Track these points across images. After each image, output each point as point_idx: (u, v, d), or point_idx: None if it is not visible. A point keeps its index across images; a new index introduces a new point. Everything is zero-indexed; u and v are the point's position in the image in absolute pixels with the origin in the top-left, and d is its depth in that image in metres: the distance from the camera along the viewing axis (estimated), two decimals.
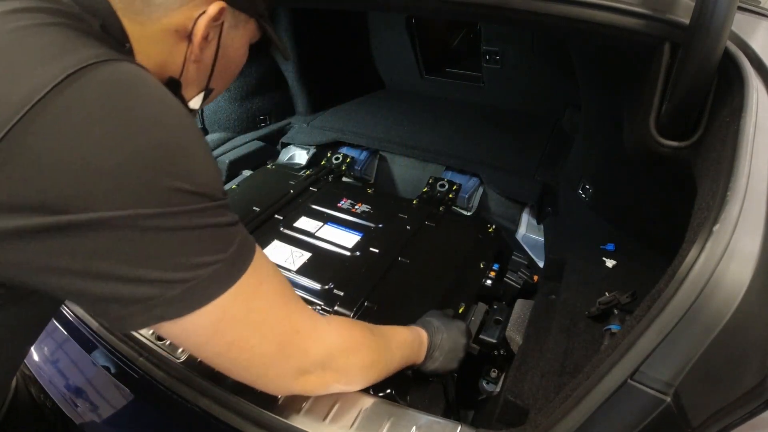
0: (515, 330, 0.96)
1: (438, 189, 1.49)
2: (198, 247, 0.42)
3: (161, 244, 0.40)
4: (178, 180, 0.40)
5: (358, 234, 1.20)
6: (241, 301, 0.46)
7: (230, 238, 0.45)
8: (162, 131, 0.40)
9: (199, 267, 0.41)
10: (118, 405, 0.74)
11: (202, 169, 0.42)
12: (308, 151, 1.75)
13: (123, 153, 0.37)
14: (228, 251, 0.44)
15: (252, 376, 0.52)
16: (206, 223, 0.42)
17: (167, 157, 0.40)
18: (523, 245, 1.35)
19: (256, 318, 0.48)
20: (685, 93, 0.70)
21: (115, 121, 0.38)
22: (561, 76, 1.63)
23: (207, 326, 0.45)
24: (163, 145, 0.40)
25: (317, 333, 0.54)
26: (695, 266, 0.48)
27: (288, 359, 0.51)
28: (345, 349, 0.58)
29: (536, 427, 0.55)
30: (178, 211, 0.40)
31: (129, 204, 0.37)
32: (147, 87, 0.42)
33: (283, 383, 0.54)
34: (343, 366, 0.58)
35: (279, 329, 0.50)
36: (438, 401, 0.84)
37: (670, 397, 0.47)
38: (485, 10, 0.82)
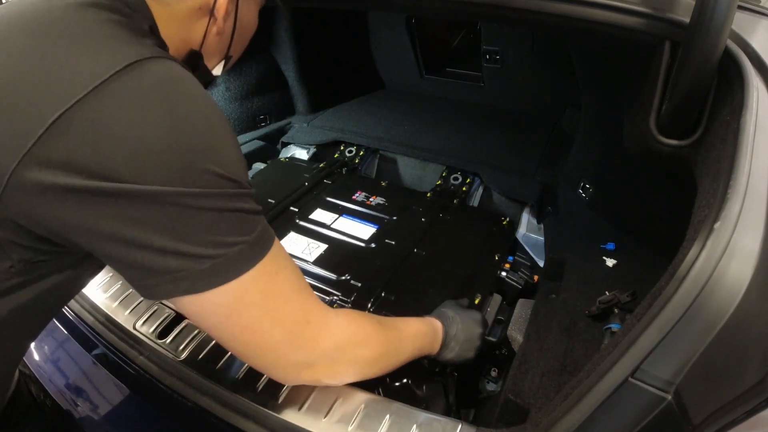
0: (516, 329, 0.96)
1: (452, 182, 1.50)
2: (227, 227, 0.46)
3: (197, 221, 0.44)
4: (216, 165, 0.44)
5: (373, 226, 1.21)
6: (260, 283, 0.49)
7: (254, 223, 0.49)
8: (204, 123, 0.45)
9: (226, 245, 0.45)
10: (118, 404, 0.74)
11: (234, 159, 0.47)
12: (308, 150, 1.75)
13: (171, 137, 0.42)
14: (251, 235, 0.48)
15: (263, 362, 0.55)
16: (236, 207, 0.46)
17: (208, 146, 0.44)
18: (524, 245, 1.35)
19: (271, 303, 0.51)
20: (686, 92, 0.70)
21: (166, 109, 0.43)
22: (561, 76, 1.63)
23: (226, 305, 0.48)
24: (204, 135, 0.45)
25: (327, 325, 0.56)
26: (696, 264, 0.49)
27: (298, 348, 0.54)
28: (354, 341, 0.60)
29: (537, 426, 0.55)
30: (214, 193, 0.44)
31: (174, 181, 0.42)
32: (191, 85, 0.47)
33: (292, 372, 0.56)
34: (352, 358, 0.60)
35: (291, 317, 0.53)
36: (438, 400, 0.84)
37: (671, 395, 0.47)
38: (485, 9, 0.82)
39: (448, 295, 0.99)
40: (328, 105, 1.95)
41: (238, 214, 0.47)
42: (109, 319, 0.81)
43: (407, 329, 0.72)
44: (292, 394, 0.67)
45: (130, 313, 0.82)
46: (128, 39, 0.46)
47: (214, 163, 0.44)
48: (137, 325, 0.79)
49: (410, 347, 0.71)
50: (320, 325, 0.55)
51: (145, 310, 0.83)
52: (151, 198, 0.42)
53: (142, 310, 0.83)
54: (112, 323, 0.80)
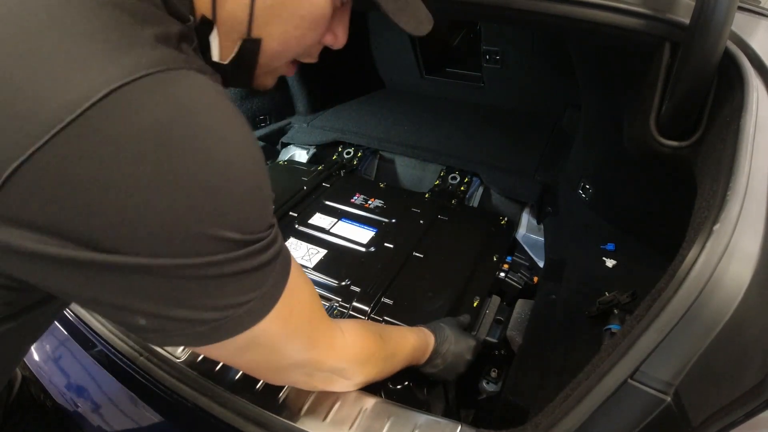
0: (516, 330, 0.97)
1: (450, 182, 1.50)
2: (235, 289, 0.39)
3: (199, 289, 0.37)
4: (228, 230, 0.36)
5: (372, 230, 1.21)
6: (270, 331, 0.45)
7: (269, 272, 0.42)
8: (218, 175, 0.35)
9: (233, 307, 0.40)
10: (118, 404, 0.74)
11: (255, 215, 0.39)
12: (308, 150, 1.75)
13: (173, 198, 0.33)
14: (264, 287, 0.41)
15: (266, 378, 0.57)
16: (248, 267, 0.39)
17: (220, 206, 0.35)
18: (523, 245, 1.35)
19: (282, 341, 0.49)
20: (686, 92, 0.70)
21: (168, 159, 0.32)
22: (561, 76, 1.63)
23: (231, 351, 0.46)
24: (217, 192, 0.35)
25: (334, 348, 0.56)
26: (695, 266, 0.48)
27: (302, 367, 0.54)
28: (356, 362, 0.60)
29: (536, 427, 0.55)
30: (223, 260, 0.37)
31: (170, 253, 0.34)
32: (207, 113, 0.35)
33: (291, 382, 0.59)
34: (351, 376, 0.61)
35: (300, 346, 0.51)
36: (438, 401, 0.84)
37: (671, 397, 0.47)
38: (486, 10, 0.82)
39: (447, 298, 0.99)
40: (328, 105, 1.95)
41: (250, 273, 0.39)
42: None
43: (404, 345, 0.72)
44: (292, 396, 0.67)
45: None
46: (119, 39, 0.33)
47: (227, 227, 0.36)
48: None
49: (402, 362, 0.72)
50: (327, 349, 0.55)
51: None
52: (140, 270, 0.34)
53: None
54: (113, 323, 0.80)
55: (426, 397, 0.82)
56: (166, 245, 0.34)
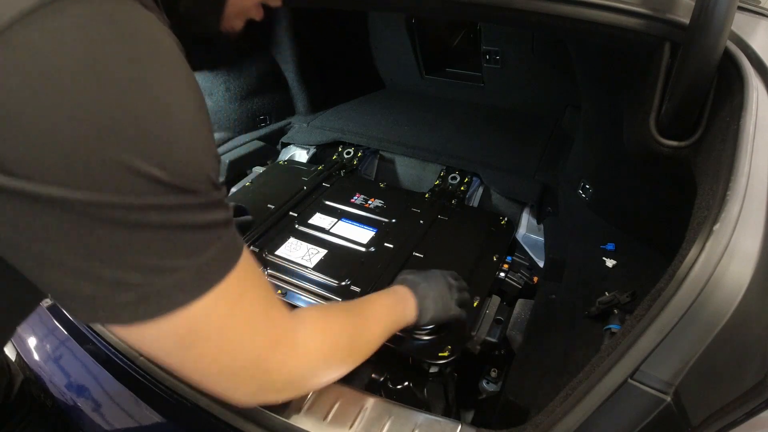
0: (516, 330, 0.97)
1: (450, 182, 1.50)
2: (161, 247, 0.34)
3: (116, 239, 0.32)
4: (153, 166, 0.32)
5: (372, 230, 1.21)
6: (215, 313, 0.39)
7: (208, 241, 0.37)
8: (145, 96, 0.32)
9: (159, 271, 0.35)
10: (119, 404, 0.74)
11: (186, 153, 0.34)
12: (308, 150, 1.75)
13: (91, 121, 0.30)
14: (201, 256, 0.36)
15: (220, 389, 0.45)
16: (176, 222, 0.34)
17: (145, 135, 0.32)
18: (523, 245, 1.35)
19: (231, 333, 0.41)
20: (685, 92, 0.70)
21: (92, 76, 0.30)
22: (561, 76, 1.63)
23: (169, 337, 0.38)
24: (144, 119, 0.32)
25: (296, 343, 0.48)
26: (695, 266, 0.49)
27: (264, 374, 0.45)
28: (324, 353, 0.51)
29: (536, 427, 0.55)
30: (146, 205, 0.32)
31: (86, 184, 0.30)
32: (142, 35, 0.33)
33: (256, 397, 0.48)
34: (323, 371, 0.53)
35: (257, 343, 0.43)
36: (438, 401, 0.84)
37: (671, 397, 0.47)
38: (486, 10, 0.82)
39: None
40: (328, 105, 1.95)
41: (182, 231, 0.35)
42: None
43: (374, 312, 0.66)
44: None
45: None
46: None
47: (152, 162, 0.32)
48: None
49: (381, 329, 0.65)
50: (290, 346, 0.47)
51: None
52: (51, 202, 0.30)
53: None
54: None
55: (426, 396, 0.82)
56: (80, 173, 0.30)
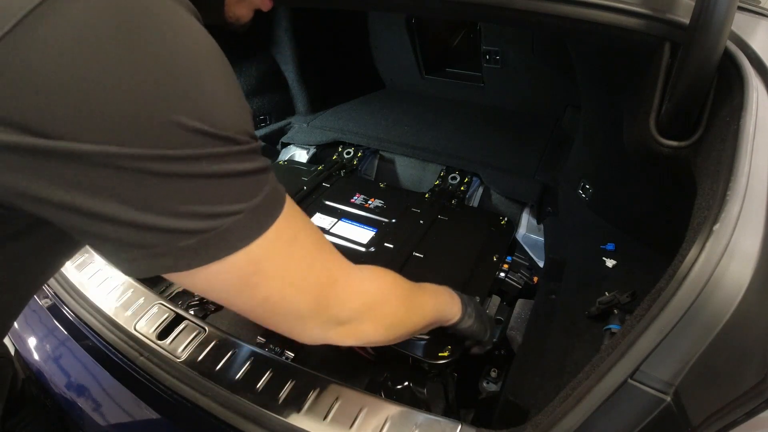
0: (515, 330, 0.97)
1: (450, 182, 1.50)
2: (215, 194, 0.37)
3: (170, 189, 0.35)
4: (193, 119, 0.34)
5: (372, 230, 1.21)
6: (274, 253, 0.42)
7: (256, 186, 0.40)
8: (180, 59, 0.34)
9: (216, 216, 0.37)
10: (118, 404, 0.74)
11: (224, 108, 0.36)
12: (308, 151, 1.75)
13: (132, 80, 0.32)
14: (253, 200, 0.39)
15: (288, 326, 0.49)
16: (226, 171, 0.37)
17: (183, 91, 0.34)
18: (523, 245, 1.35)
19: (292, 272, 0.44)
20: (685, 92, 0.70)
21: (127, 41, 0.32)
22: (561, 76, 1.63)
23: (234, 279, 0.41)
24: (179, 76, 0.34)
25: (354, 282, 0.52)
26: (695, 266, 0.49)
27: (326, 309, 0.49)
28: (382, 297, 0.56)
29: (536, 427, 0.55)
30: (192, 155, 0.34)
31: (133, 141, 0.32)
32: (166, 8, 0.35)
33: (319, 333, 0.51)
34: (381, 315, 0.56)
35: (316, 281, 0.47)
36: (438, 401, 0.84)
37: (670, 397, 0.47)
38: (485, 10, 0.82)
39: None
40: (328, 105, 1.95)
41: (231, 178, 0.37)
42: (109, 320, 0.81)
43: (427, 286, 0.70)
44: (293, 395, 0.67)
45: (131, 314, 0.82)
46: None
47: (192, 115, 0.34)
48: (137, 326, 0.80)
49: (432, 304, 0.68)
50: (347, 283, 0.51)
51: (145, 310, 0.83)
52: (101, 161, 0.32)
53: (143, 311, 0.83)
54: (112, 324, 0.80)
55: (426, 396, 0.82)
56: (130, 132, 0.32)
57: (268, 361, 0.73)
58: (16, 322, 0.91)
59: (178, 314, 0.81)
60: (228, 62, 0.38)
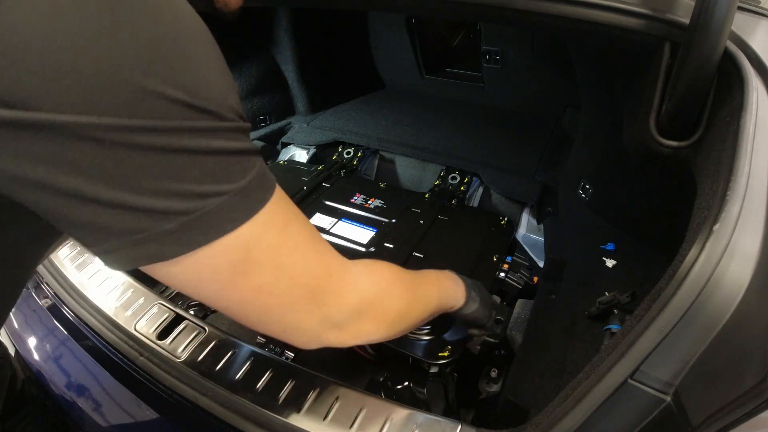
0: (516, 330, 0.97)
1: (450, 182, 1.50)
2: (199, 172, 0.34)
3: (151, 164, 0.32)
4: (176, 88, 0.32)
5: (372, 230, 1.21)
6: (265, 239, 0.39)
7: (243, 167, 0.37)
8: (161, 26, 0.32)
9: (201, 196, 0.34)
10: (119, 404, 0.74)
11: (208, 80, 0.34)
12: (308, 150, 1.75)
13: (107, 45, 0.29)
14: (240, 182, 0.37)
15: (281, 327, 0.46)
16: (210, 147, 0.34)
17: (163, 59, 0.32)
18: (523, 245, 1.35)
19: (284, 259, 0.41)
20: (685, 92, 0.70)
21: (108, 5, 0.30)
22: (561, 76, 1.63)
23: (223, 266, 0.38)
24: (159, 43, 0.31)
25: (350, 276, 0.49)
26: (695, 266, 0.49)
27: (322, 306, 0.46)
28: (381, 292, 0.52)
29: (536, 427, 0.55)
30: (173, 127, 0.32)
31: (109, 110, 0.30)
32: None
33: (315, 334, 0.48)
34: (381, 312, 0.52)
35: (311, 272, 0.44)
36: (438, 401, 0.84)
37: (670, 397, 0.47)
38: (485, 10, 0.82)
39: None
40: (328, 105, 1.95)
41: (214, 157, 0.35)
42: (109, 320, 0.81)
43: (429, 274, 0.67)
44: (292, 395, 0.67)
45: (131, 314, 0.82)
46: None
47: (174, 84, 0.32)
48: (137, 326, 0.80)
49: (436, 292, 0.65)
50: (343, 277, 0.47)
51: (145, 310, 0.83)
52: (79, 132, 0.30)
53: (143, 311, 0.83)
54: (112, 324, 0.80)
55: (426, 396, 0.82)
56: (105, 100, 0.30)
57: (268, 361, 0.73)
58: (16, 322, 0.91)
59: (178, 314, 0.81)
60: (214, 40, 0.36)
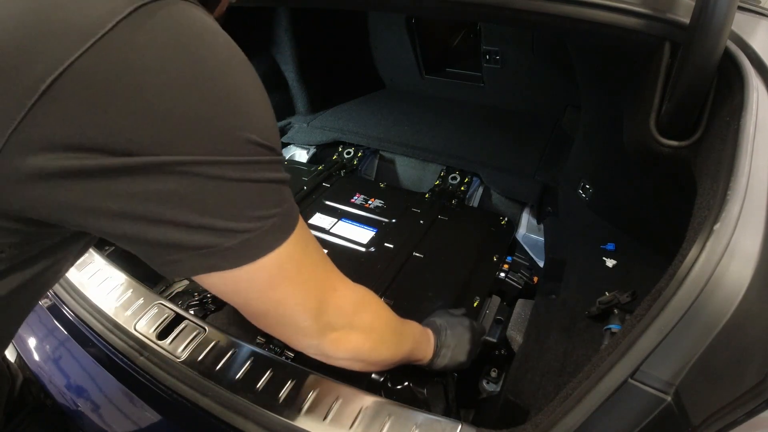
0: (516, 330, 0.97)
1: (450, 182, 1.50)
2: (263, 198, 0.42)
3: (232, 193, 0.39)
4: (248, 131, 0.39)
5: (372, 230, 1.21)
6: (294, 256, 0.46)
7: (285, 193, 0.45)
8: (232, 79, 0.39)
9: (261, 219, 0.42)
10: (118, 404, 0.74)
11: (268, 122, 0.42)
12: (308, 150, 1.75)
13: (196, 97, 0.36)
14: (284, 206, 0.44)
15: (291, 331, 0.54)
16: (269, 177, 0.42)
17: (239, 106, 0.39)
18: (523, 245, 1.35)
19: (305, 274, 0.49)
20: (685, 92, 0.70)
21: (188, 63, 0.36)
22: (561, 76, 1.63)
23: (262, 279, 0.45)
24: (234, 94, 0.38)
25: (350, 292, 0.58)
26: (695, 265, 0.49)
27: (325, 313, 0.53)
28: (370, 310, 0.61)
29: (537, 427, 0.55)
30: (247, 162, 0.39)
31: (200, 150, 0.37)
32: (213, 32, 0.39)
33: (315, 338, 0.55)
34: (369, 327, 0.61)
35: (321, 285, 0.52)
36: (438, 401, 0.84)
37: (671, 397, 0.47)
38: (485, 10, 0.82)
39: (447, 298, 0.99)
40: (328, 105, 1.95)
41: (271, 184, 0.42)
42: (109, 320, 0.81)
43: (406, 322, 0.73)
44: (292, 395, 0.67)
45: (131, 313, 0.82)
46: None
47: (247, 128, 0.39)
48: (137, 326, 0.80)
49: (411, 336, 0.72)
50: (344, 293, 0.56)
51: (145, 310, 0.83)
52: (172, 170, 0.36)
53: (143, 311, 0.83)
54: (113, 324, 0.80)
55: (426, 396, 0.82)
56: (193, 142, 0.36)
57: (268, 361, 0.73)
58: None
59: (178, 314, 0.81)
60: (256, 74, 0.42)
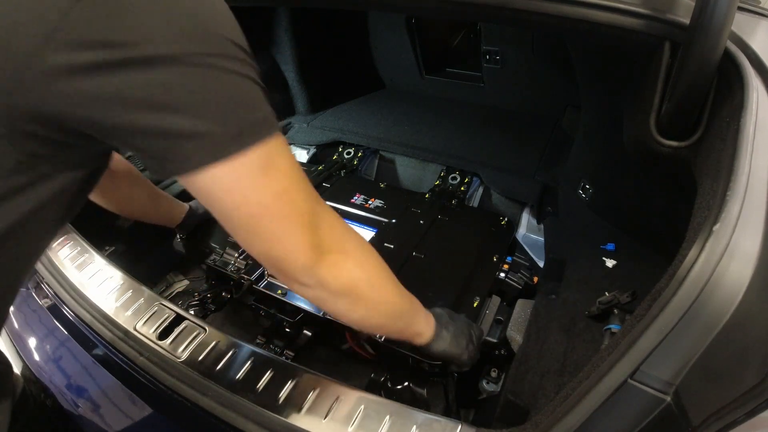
0: (516, 330, 0.97)
1: (450, 182, 1.50)
2: (248, 94, 0.48)
3: (222, 82, 0.45)
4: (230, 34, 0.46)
5: (372, 230, 1.21)
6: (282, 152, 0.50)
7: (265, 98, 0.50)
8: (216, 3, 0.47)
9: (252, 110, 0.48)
10: (119, 404, 0.74)
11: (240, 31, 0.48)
12: (308, 150, 1.75)
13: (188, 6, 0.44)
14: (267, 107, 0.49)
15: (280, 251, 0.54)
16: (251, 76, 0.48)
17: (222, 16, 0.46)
18: (523, 245, 1.35)
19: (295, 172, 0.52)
20: (685, 92, 0.70)
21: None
22: (561, 76, 1.63)
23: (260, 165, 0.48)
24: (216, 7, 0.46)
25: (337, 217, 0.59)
26: (695, 266, 0.49)
27: (317, 229, 0.55)
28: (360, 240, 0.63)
29: (536, 427, 0.55)
30: (233, 56, 0.46)
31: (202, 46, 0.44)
32: None
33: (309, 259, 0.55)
34: (361, 256, 0.62)
35: (310, 201, 0.54)
36: (438, 400, 0.84)
37: (671, 397, 0.47)
38: (486, 10, 0.82)
39: (447, 298, 0.99)
40: (328, 105, 1.95)
41: (255, 85, 0.48)
42: (109, 320, 0.81)
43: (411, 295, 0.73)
44: (292, 395, 0.67)
45: (131, 314, 0.82)
46: None
47: (226, 30, 0.46)
48: (138, 326, 0.80)
49: (409, 297, 0.72)
50: (333, 214, 0.58)
51: (145, 311, 0.83)
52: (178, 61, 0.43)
53: (143, 311, 0.83)
54: (113, 324, 0.80)
55: (426, 396, 0.82)
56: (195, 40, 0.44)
57: (268, 361, 0.73)
58: (16, 322, 0.91)
59: (179, 314, 0.81)
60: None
